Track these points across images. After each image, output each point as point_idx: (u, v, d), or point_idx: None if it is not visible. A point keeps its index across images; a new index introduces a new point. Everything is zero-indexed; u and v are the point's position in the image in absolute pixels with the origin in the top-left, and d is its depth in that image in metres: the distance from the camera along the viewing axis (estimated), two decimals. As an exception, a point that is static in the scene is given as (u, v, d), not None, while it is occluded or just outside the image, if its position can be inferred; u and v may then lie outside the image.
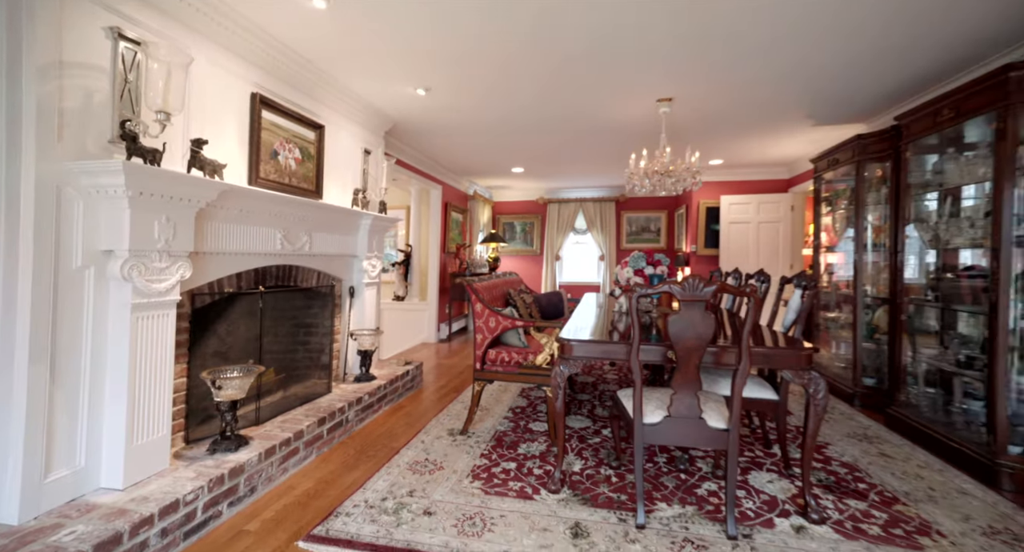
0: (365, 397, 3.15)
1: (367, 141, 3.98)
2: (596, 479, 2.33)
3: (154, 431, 1.98)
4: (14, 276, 1.67)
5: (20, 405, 1.64)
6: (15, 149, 1.69)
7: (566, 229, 8.09)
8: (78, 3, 1.82)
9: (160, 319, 2.01)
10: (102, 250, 1.87)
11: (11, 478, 1.61)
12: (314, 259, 3.17)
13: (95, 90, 1.88)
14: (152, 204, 1.92)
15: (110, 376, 1.88)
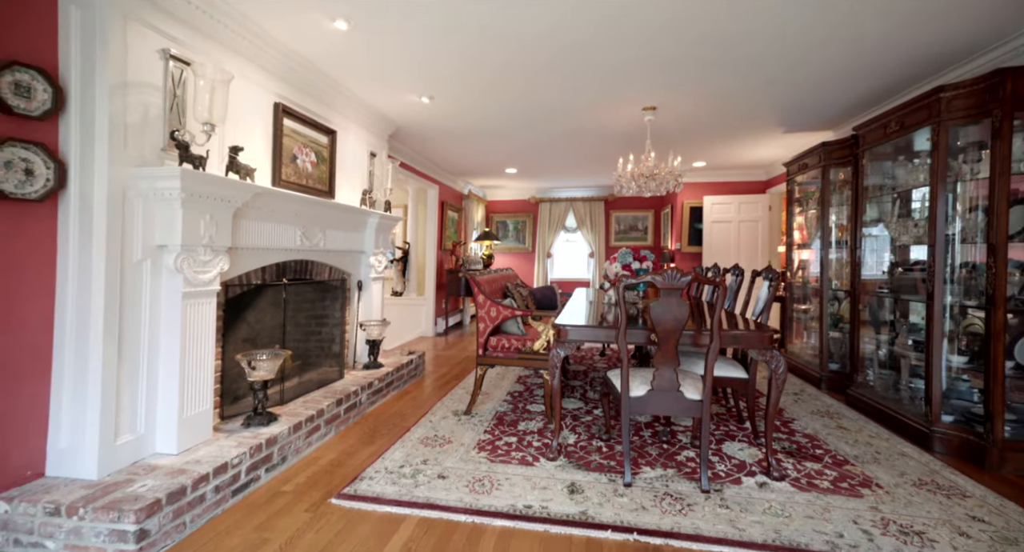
0: (375, 382, 3.42)
1: (373, 145, 4.24)
2: (588, 449, 2.64)
3: (200, 404, 2.24)
4: (88, 268, 1.92)
5: (96, 378, 1.89)
6: (89, 158, 1.94)
7: (557, 227, 8.40)
8: (138, 29, 2.07)
9: (204, 306, 2.27)
10: (157, 245, 2.12)
11: (90, 440, 1.87)
12: (327, 255, 3.43)
13: (151, 105, 2.14)
14: (199, 205, 2.18)
15: (164, 355, 2.13)
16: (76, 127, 1.96)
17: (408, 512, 1.99)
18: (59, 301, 1.94)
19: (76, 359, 1.92)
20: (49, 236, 1.93)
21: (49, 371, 1.92)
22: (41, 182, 1.88)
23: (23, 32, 1.84)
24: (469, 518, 1.94)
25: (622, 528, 1.85)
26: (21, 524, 1.69)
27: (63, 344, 1.93)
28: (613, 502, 2.06)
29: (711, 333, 2.21)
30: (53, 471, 1.89)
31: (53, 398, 1.92)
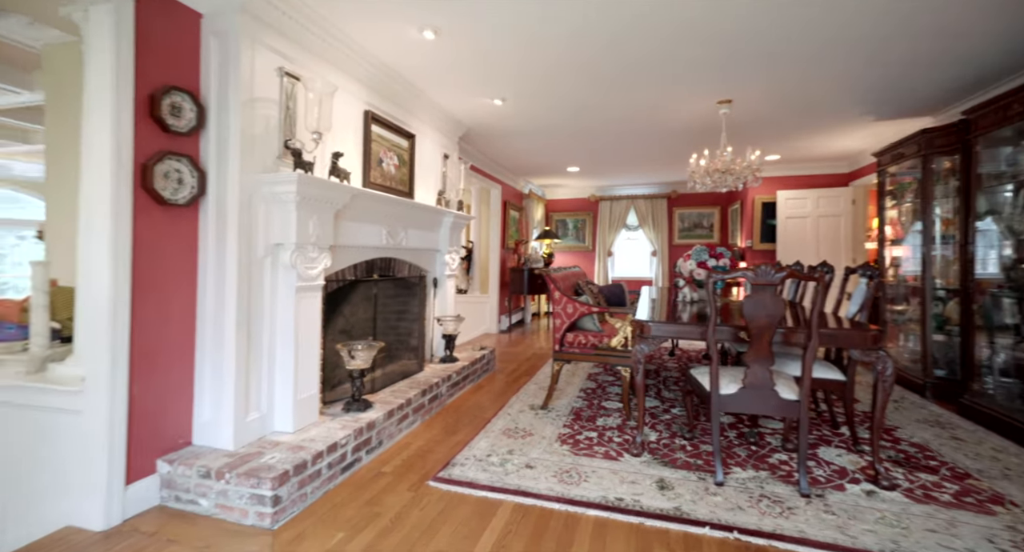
0: (453, 375, 3.57)
1: (445, 147, 4.41)
2: (672, 447, 2.62)
3: (309, 388, 2.46)
4: (223, 264, 2.18)
5: (231, 361, 2.14)
6: (224, 167, 2.19)
7: (618, 226, 8.30)
8: (261, 51, 2.31)
9: (311, 299, 2.49)
10: (275, 243, 2.36)
11: (226, 415, 2.12)
12: (407, 252, 3.62)
13: (270, 117, 2.37)
14: (309, 206, 2.39)
15: (280, 342, 2.37)
16: (213, 140, 2.23)
17: (502, 497, 2.08)
18: (200, 293, 2.21)
19: (214, 344, 2.18)
20: (192, 236, 2.20)
21: (193, 354, 2.19)
22: (188, 189, 2.15)
23: (177, 61, 2.12)
24: (562, 506, 2.00)
25: (720, 526, 1.83)
26: (180, 483, 1.95)
27: (204, 331, 2.19)
28: (707, 500, 2.04)
29: (809, 331, 2.12)
30: (198, 441, 2.16)
31: (196, 377, 2.19)
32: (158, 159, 2.02)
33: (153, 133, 2.03)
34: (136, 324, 1.95)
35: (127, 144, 1.92)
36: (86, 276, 2.01)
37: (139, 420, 1.95)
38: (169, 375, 2.08)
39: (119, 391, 1.87)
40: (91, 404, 1.84)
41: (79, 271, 2.05)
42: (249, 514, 1.85)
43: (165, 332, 2.07)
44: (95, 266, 1.90)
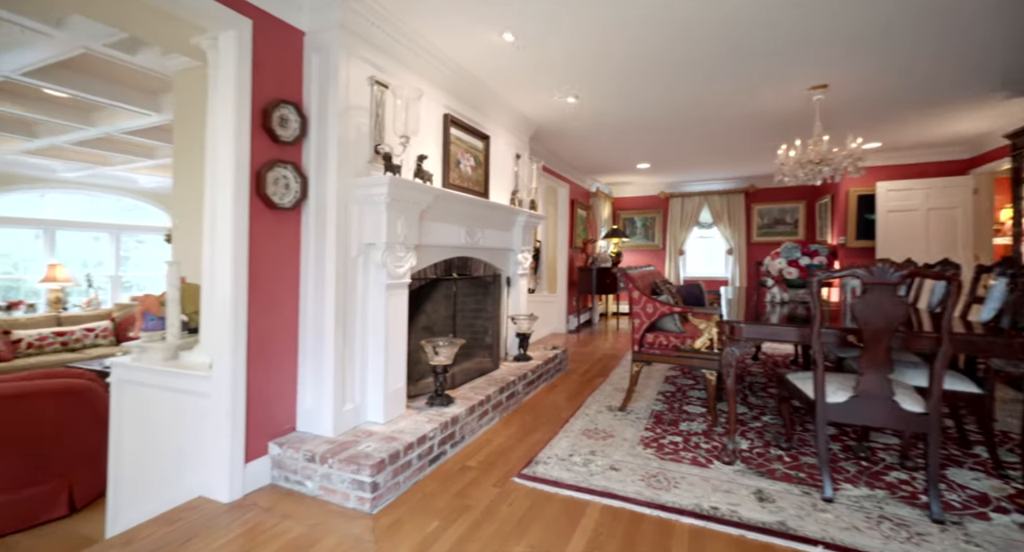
0: (528, 374, 3.58)
1: (517, 147, 4.45)
2: (767, 457, 2.44)
3: (397, 382, 2.57)
4: (323, 263, 2.34)
5: (330, 354, 2.29)
6: (322, 172, 2.35)
7: (689, 223, 7.92)
8: (355, 62, 2.45)
9: (400, 296, 2.60)
10: (366, 243, 2.49)
11: (326, 405, 2.27)
12: (483, 252, 3.68)
13: (361, 124, 2.51)
14: (398, 208, 2.50)
15: (371, 337, 2.50)
16: (314, 148, 2.40)
17: (589, 498, 2.04)
18: (302, 290, 2.39)
19: (314, 337, 2.35)
20: (295, 238, 2.39)
21: (297, 346, 2.37)
22: (292, 194, 2.34)
23: (284, 76, 2.31)
24: (653, 512, 1.93)
25: (836, 547, 1.67)
26: (289, 465, 2.12)
27: (305, 325, 2.37)
28: (815, 516, 1.88)
29: (942, 336, 1.88)
30: (301, 427, 2.33)
31: (300, 368, 2.37)
32: (269, 167, 2.21)
33: (265, 143, 2.23)
34: (251, 317, 2.15)
35: (244, 154, 2.12)
36: (210, 274, 2.24)
37: (254, 405, 2.14)
38: (277, 365, 2.27)
39: (239, 377, 2.06)
40: (217, 388, 2.05)
41: (204, 269, 2.30)
42: (350, 498, 1.96)
43: (273, 325, 2.26)
44: (219, 265, 2.11)
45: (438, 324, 3.19)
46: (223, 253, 2.09)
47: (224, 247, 2.09)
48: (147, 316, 2.42)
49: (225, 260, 2.08)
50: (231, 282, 2.06)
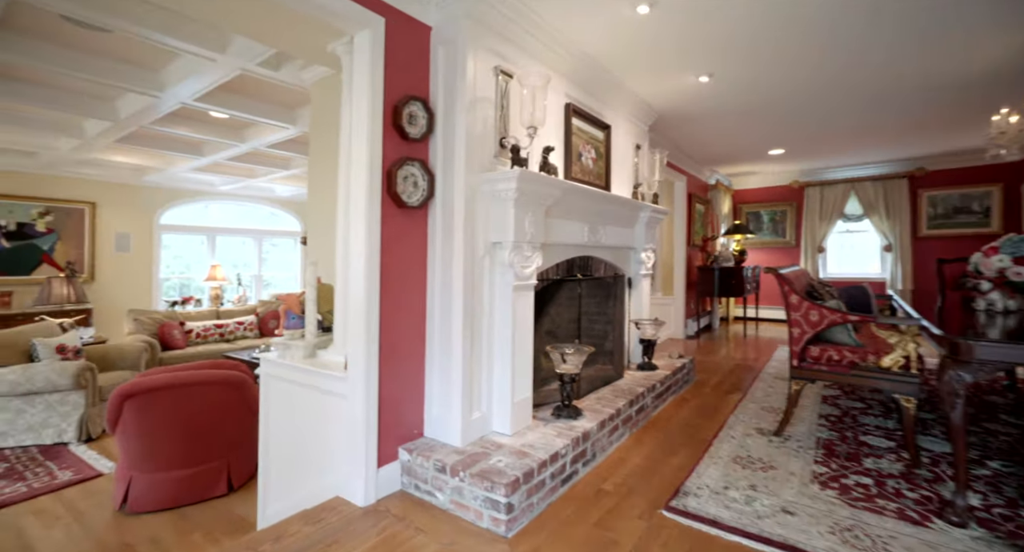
0: (657, 385, 3.22)
1: (637, 137, 4.08)
2: (1020, 522, 1.82)
3: (524, 391, 2.40)
4: (449, 263, 2.25)
5: (458, 358, 2.18)
6: (449, 169, 2.26)
7: (831, 215, 6.80)
8: (480, 53, 2.33)
9: (526, 299, 2.43)
10: (492, 242, 2.35)
11: (454, 413, 2.17)
12: (604, 251, 3.39)
13: (487, 117, 2.38)
14: (525, 203, 2.33)
15: (498, 343, 2.35)
16: (440, 144, 2.32)
17: (764, 549, 1.67)
18: (429, 291, 2.32)
19: (441, 341, 2.26)
20: (422, 237, 2.32)
21: (424, 350, 2.31)
22: (420, 192, 2.27)
23: (412, 72, 2.26)
24: (863, 582, 1.50)
25: None
26: (419, 473, 2.04)
27: (432, 328, 2.29)
28: None
29: None
30: (428, 433, 2.26)
31: (427, 372, 2.30)
32: (399, 165, 2.16)
33: (395, 141, 2.18)
34: (383, 319, 2.11)
35: (377, 153, 2.09)
36: (343, 274, 2.26)
37: (386, 408, 2.10)
38: (406, 368, 2.22)
39: (372, 379, 2.03)
40: (352, 389, 2.03)
41: (337, 270, 2.33)
42: (484, 517, 1.82)
43: (403, 327, 2.21)
44: (353, 266, 2.10)
45: (561, 328, 2.98)
46: (356, 254, 2.08)
47: (357, 248, 2.08)
48: (289, 314, 2.53)
49: (358, 261, 2.07)
50: (364, 283, 2.04)
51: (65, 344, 3.95)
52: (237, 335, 5.92)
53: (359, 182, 2.08)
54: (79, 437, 3.68)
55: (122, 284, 6.66)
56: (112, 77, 3.28)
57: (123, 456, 2.72)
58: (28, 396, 3.60)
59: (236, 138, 4.84)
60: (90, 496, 2.87)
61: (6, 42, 2.88)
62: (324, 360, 2.31)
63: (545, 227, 2.62)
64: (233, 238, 8.15)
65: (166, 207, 7.13)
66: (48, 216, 6.10)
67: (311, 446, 2.24)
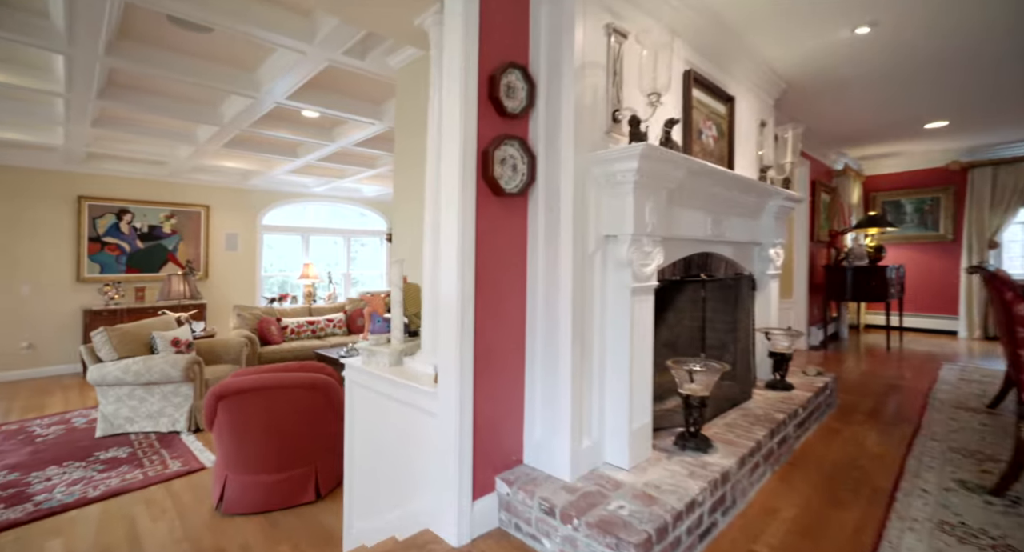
0: (799, 410, 2.60)
1: (761, 112, 3.44)
2: None
3: (643, 416, 1.97)
4: (555, 261, 1.88)
5: (566, 373, 1.81)
6: (553, 148, 1.90)
7: (1010, 202, 5.46)
8: (592, 8, 1.94)
9: (645, 303, 2.00)
10: (605, 235, 1.95)
11: (561, 440, 1.80)
12: (726, 246, 2.84)
13: (597, 86, 1.98)
14: (645, 188, 1.90)
15: (611, 356, 1.95)
16: (542, 118, 1.96)
17: None
18: (529, 292, 1.98)
19: (544, 352, 1.91)
20: (521, 230, 1.98)
21: (523, 362, 1.97)
22: (519, 176, 1.93)
23: (509, 36, 1.92)
24: None
25: None
26: (520, 511, 1.71)
27: (534, 336, 1.94)
28: None
29: None
30: (529, 460, 1.92)
31: (527, 389, 1.96)
32: (496, 144, 1.83)
33: (491, 117, 1.86)
34: (478, 326, 1.80)
35: (471, 132, 1.78)
36: (432, 273, 1.99)
37: (481, 430, 1.79)
38: (504, 383, 1.89)
39: (466, 396, 1.73)
40: (445, 407, 1.75)
41: (424, 268, 2.06)
42: (607, 582, 1.43)
43: (500, 336, 1.88)
44: (443, 263, 1.80)
45: (681, 338, 2.50)
46: (448, 250, 1.79)
47: (448, 243, 1.78)
48: (374, 317, 2.33)
49: (449, 257, 1.77)
50: (457, 283, 1.74)
51: (179, 337, 4.19)
52: (327, 332, 6.08)
53: (451, 166, 1.79)
54: (188, 427, 3.87)
55: (230, 281, 7.20)
56: (215, 80, 3.36)
57: (219, 454, 2.71)
58: (148, 386, 3.85)
59: (326, 138, 4.91)
60: (193, 490, 2.92)
61: (126, 51, 3.02)
62: (411, 370, 2.07)
63: (666, 217, 2.17)
64: (324, 238, 8.53)
65: (268, 209, 7.61)
66: (172, 219, 6.73)
67: (398, 466, 2.00)
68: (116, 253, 6.27)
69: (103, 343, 3.86)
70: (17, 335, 5.66)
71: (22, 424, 4.16)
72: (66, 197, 5.97)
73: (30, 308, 5.74)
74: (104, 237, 6.19)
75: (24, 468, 3.28)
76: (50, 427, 4.08)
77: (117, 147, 5.28)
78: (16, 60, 3.33)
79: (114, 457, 3.42)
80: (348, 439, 2.28)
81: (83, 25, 2.62)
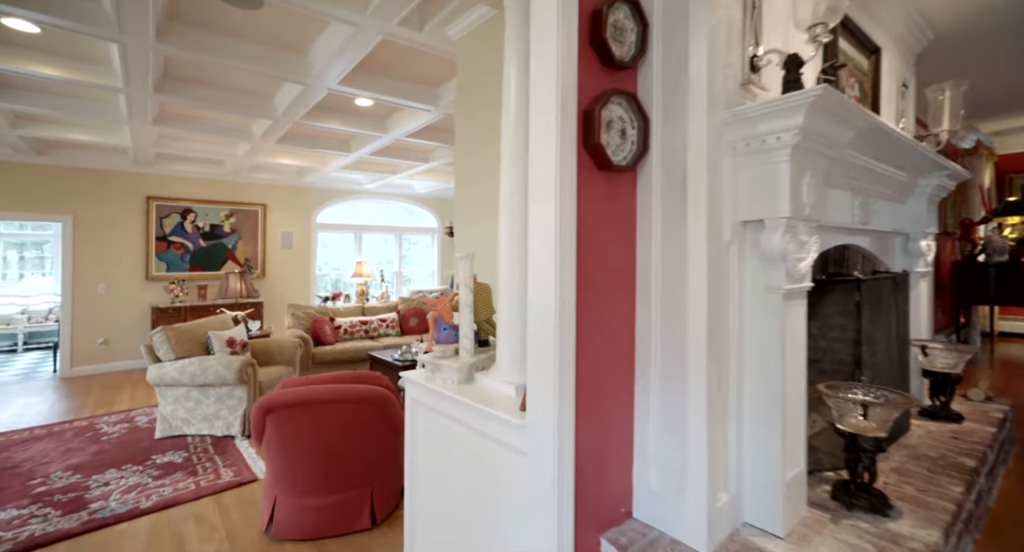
0: (986, 452, 1.98)
1: (901, 72, 2.77)
2: None
3: (797, 463, 1.47)
4: (680, 255, 1.42)
5: (700, 405, 1.35)
6: (674, 107, 1.43)
7: None
8: (733, -94, 1.45)
9: (797, 310, 1.49)
10: (742, 221, 1.47)
11: (694, 494, 1.34)
12: (865, 237, 2.24)
13: (731, 21, 1.49)
14: (805, 156, 1.40)
15: (751, 380, 1.46)
16: (658, 69, 1.50)
17: None
18: (640, 296, 1.53)
19: (662, 376, 1.45)
20: (629, 215, 1.53)
21: (632, 387, 1.52)
22: (629, 145, 1.49)
23: (617, -42, 1.47)
24: None
25: None
26: (646, 602, 1.26)
27: (647, 353, 1.49)
28: None
29: None
30: (641, 514, 1.47)
31: (637, 422, 1.51)
32: (602, 103, 1.39)
33: (593, 67, 1.43)
34: (579, 339, 1.37)
35: (570, 87, 1.34)
36: (509, 270, 1.59)
37: (583, 476, 1.37)
38: (610, 414, 1.46)
39: (567, 431, 1.31)
40: (538, 446, 1.33)
41: (500, 264, 1.66)
42: None
43: (605, 352, 1.45)
44: (533, 258, 1.39)
45: (829, 355, 1.96)
46: (540, 244, 1.36)
47: (540, 235, 1.36)
48: (439, 324, 1.96)
49: (542, 254, 1.35)
50: (554, 287, 1.31)
51: (234, 337, 4.07)
52: (380, 332, 5.88)
53: (542, 134, 1.37)
54: (242, 432, 3.71)
55: (285, 279, 7.21)
56: (267, 64, 3.14)
57: (268, 471, 2.45)
58: (203, 388, 3.73)
59: (379, 129, 4.66)
60: (243, 506, 2.71)
61: (178, 35, 2.85)
62: (485, 389, 1.67)
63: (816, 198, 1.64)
64: (375, 236, 8.43)
65: (322, 207, 7.57)
66: (232, 218, 6.79)
67: (471, 509, 1.61)
68: (180, 252, 6.39)
69: (161, 342, 3.78)
70: (94, 332, 5.87)
71: (91, 420, 4.20)
72: (137, 198, 6.13)
73: (105, 306, 5.94)
74: (170, 236, 6.32)
75: (86, 470, 3.22)
76: (115, 425, 4.08)
77: (179, 146, 5.32)
78: (78, 55, 3.27)
79: (169, 462, 3.30)
80: (409, 465, 1.93)
81: (131, 6, 2.44)
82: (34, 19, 2.55)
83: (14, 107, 3.84)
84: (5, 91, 3.72)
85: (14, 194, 5.50)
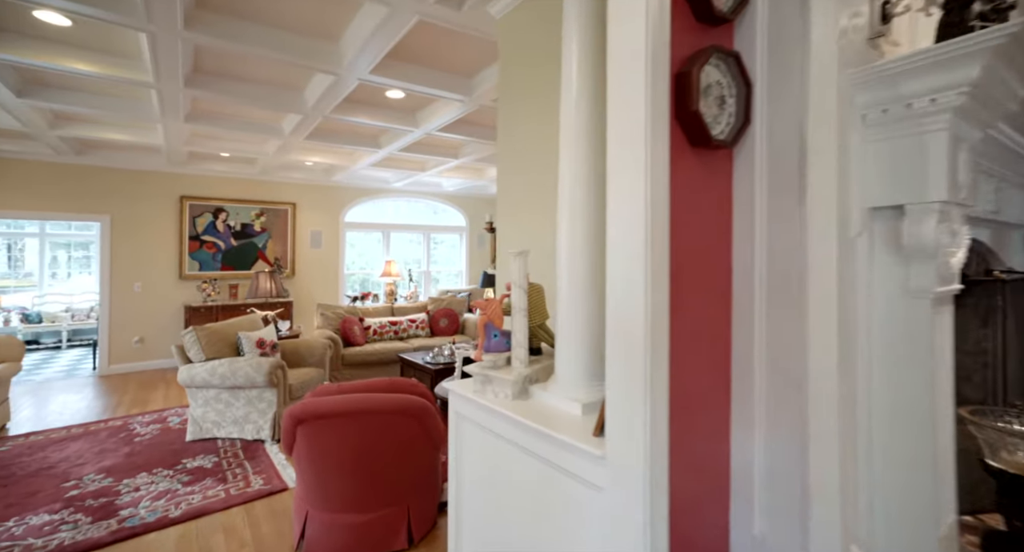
0: None
1: None
2: None
3: (948, 510, 1.17)
4: (801, 248, 1.14)
5: (829, 436, 1.07)
6: (785, 66, 1.15)
7: None
8: None
9: (945, 318, 1.19)
10: (871, 208, 1.18)
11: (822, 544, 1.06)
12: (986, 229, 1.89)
13: (857, -40, 1.21)
14: (963, 122, 1.10)
15: (882, 403, 1.17)
16: (762, 25, 1.23)
17: None
18: (737, 301, 1.26)
19: (768, 397, 1.18)
20: (726, 199, 1.27)
21: (728, 404, 1.26)
22: (727, 117, 1.22)
23: None
24: None
25: None
26: None
27: (748, 368, 1.22)
28: None
29: None
30: (745, 570, 1.21)
31: (733, 449, 1.25)
32: (700, 63, 1.13)
33: (686, 19, 1.17)
34: (672, 353, 1.11)
35: (662, 43, 1.09)
36: (569, 269, 1.35)
37: (676, 520, 1.11)
38: (705, 443, 1.20)
39: (660, 465, 1.05)
40: (620, 479, 1.08)
41: (560, 261, 1.43)
42: None
43: (696, 370, 1.19)
44: (614, 253, 1.14)
45: (959, 372, 1.64)
46: (625, 238, 1.11)
47: (626, 224, 1.11)
48: (490, 330, 1.73)
49: (628, 251, 1.10)
50: (643, 290, 1.06)
51: (264, 338, 3.96)
52: (410, 333, 5.73)
53: (624, 101, 1.11)
54: (272, 436, 3.60)
55: (315, 279, 7.16)
56: (297, 53, 2.99)
57: (299, 484, 2.28)
58: (233, 390, 3.63)
59: (410, 123, 4.48)
60: (273, 518, 2.56)
61: (206, 23, 2.72)
62: (544, 406, 1.43)
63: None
64: (402, 235, 8.32)
65: (350, 205, 7.49)
66: (263, 217, 6.78)
67: (527, 539, 1.37)
68: (212, 251, 6.40)
69: (192, 343, 3.70)
70: (130, 330, 5.93)
71: (125, 420, 4.18)
72: (171, 197, 6.17)
73: (140, 304, 5.99)
74: (202, 235, 6.33)
75: (118, 473, 3.15)
76: (148, 425, 4.04)
77: (211, 145, 5.28)
78: (110, 49, 3.20)
79: (199, 467, 3.20)
80: (454, 485, 1.71)
81: (157, -11, 2.31)
82: (64, 9, 2.46)
83: (52, 106, 3.82)
84: (41, 89, 3.71)
85: (57, 195, 5.59)
